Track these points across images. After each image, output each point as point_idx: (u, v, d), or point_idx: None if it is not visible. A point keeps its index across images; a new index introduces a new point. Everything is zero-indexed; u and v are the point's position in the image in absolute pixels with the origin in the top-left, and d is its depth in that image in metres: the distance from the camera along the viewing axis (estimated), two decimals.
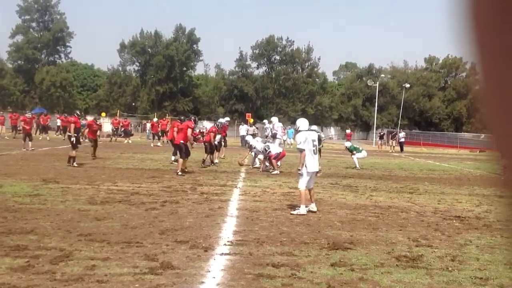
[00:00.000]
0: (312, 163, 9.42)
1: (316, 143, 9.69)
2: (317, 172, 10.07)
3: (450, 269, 5.89)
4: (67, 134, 18.91)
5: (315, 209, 9.39)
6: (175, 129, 17.99)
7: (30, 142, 23.12)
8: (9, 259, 5.53)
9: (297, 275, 5.35)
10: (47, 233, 6.81)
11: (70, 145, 17.01)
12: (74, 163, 16.49)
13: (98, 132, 20.52)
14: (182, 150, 15.61)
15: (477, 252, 6.81)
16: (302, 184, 9.36)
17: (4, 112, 41.33)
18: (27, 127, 24.34)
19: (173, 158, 19.23)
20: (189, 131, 15.96)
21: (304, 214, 9.05)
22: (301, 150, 9.42)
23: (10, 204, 8.94)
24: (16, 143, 28.59)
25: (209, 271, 5.39)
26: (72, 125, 17.37)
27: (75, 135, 17.03)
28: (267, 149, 17.22)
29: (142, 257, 5.79)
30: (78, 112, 19.46)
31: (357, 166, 20.21)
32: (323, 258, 6.13)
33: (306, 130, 9.78)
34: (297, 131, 9.85)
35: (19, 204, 9.04)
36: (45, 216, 8.04)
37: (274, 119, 22.74)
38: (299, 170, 9.47)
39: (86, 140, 21.15)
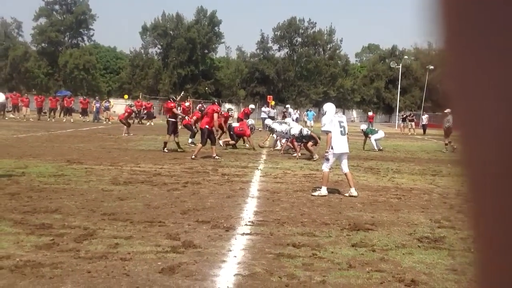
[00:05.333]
0: (339, 143, 9.27)
1: (344, 124, 9.56)
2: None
3: (472, 250, 5.82)
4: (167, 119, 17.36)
5: (355, 193, 9.15)
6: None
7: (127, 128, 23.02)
8: (34, 237, 5.64)
9: (318, 255, 5.36)
10: (72, 212, 6.93)
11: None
12: (165, 149, 16.33)
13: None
14: (204, 136, 14.81)
15: None
16: (327, 165, 9.31)
17: (29, 95, 41.86)
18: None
19: (190, 140, 19.31)
20: (215, 115, 15.15)
21: (325, 195, 9.03)
22: (327, 132, 9.32)
23: (35, 184, 9.11)
24: (41, 125, 29.07)
25: (230, 250, 5.43)
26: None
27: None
28: (291, 131, 17.05)
29: (164, 236, 5.86)
30: (173, 97, 18.28)
31: (375, 147, 19.98)
32: (344, 239, 6.13)
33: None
34: (323, 114, 9.79)
35: (44, 184, 9.21)
36: (70, 195, 8.17)
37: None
38: (326, 153, 9.39)
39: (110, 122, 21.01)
